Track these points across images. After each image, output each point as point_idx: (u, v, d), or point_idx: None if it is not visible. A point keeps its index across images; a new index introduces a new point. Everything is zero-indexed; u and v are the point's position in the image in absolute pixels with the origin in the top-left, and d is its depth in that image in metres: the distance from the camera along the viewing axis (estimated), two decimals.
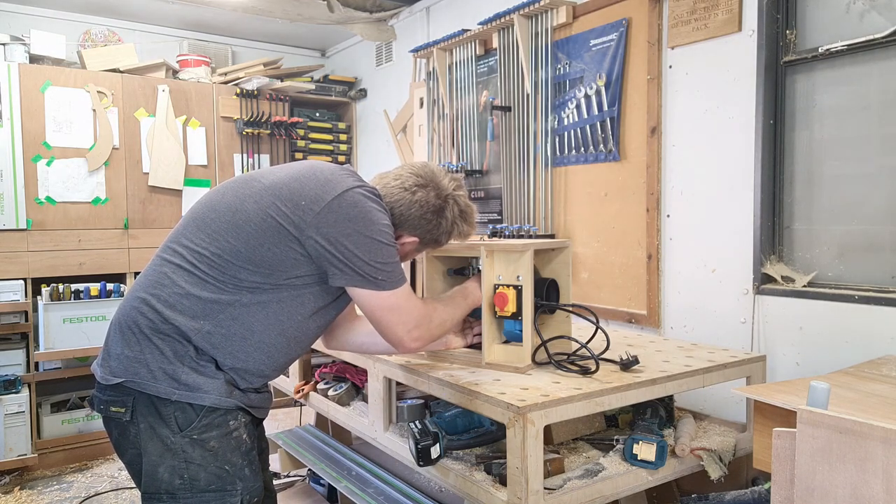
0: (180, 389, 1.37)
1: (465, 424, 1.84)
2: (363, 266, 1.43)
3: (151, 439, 1.38)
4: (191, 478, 1.37)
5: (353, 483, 2.28)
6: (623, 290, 2.75)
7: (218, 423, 1.40)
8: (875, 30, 2.00)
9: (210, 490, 1.38)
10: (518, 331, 1.77)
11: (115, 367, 1.41)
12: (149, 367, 1.38)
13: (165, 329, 1.40)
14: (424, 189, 1.59)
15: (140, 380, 1.38)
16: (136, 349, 1.40)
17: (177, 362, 1.39)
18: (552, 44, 2.99)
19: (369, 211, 1.46)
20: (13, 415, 3.48)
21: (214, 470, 1.39)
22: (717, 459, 1.76)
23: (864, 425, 1.06)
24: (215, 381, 1.41)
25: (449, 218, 1.62)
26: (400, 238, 1.60)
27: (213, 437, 1.40)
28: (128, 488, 3.45)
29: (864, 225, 2.07)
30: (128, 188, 3.94)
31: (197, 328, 1.41)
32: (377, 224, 1.46)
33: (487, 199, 3.49)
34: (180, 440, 1.37)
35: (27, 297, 3.58)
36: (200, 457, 1.38)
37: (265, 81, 4.30)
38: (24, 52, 3.73)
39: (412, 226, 1.60)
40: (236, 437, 1.44)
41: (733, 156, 2.34)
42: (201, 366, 1.41)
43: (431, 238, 1.64)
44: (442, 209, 1.61)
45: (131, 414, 1.39)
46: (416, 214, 1.59)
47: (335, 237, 1.42)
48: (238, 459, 1.43)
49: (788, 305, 2.19)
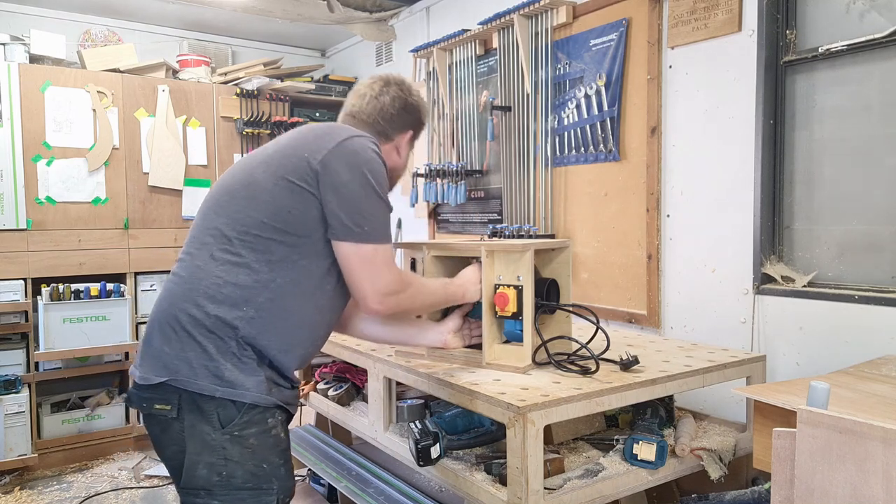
0: (223, 386, 1.37)
1: (465, 424, 1.84)
2: (353, 214, 1.43)
3: (192, 436, 1.38)
4: (228, 475, 1.37)
5: (353, 483, 2.28)
6: (623, 290, 2.75)
7: (257, 421, 1.40)
8: (875, 30, 2.00)
9: (246, 488, 1.39)
10: (518, 331, 1.77)
11: (156, 367, 1.40)
12: (191, 365, 1.38)
13: (209, 323, 1.40)
14: (387, 86, 1.66)
15: (182, 377, 1.38)
16: (176, 347, 1.40)
17: (219, 358, 1.38)
18: (552, 44, 2.99)
19: (369, 160, 1.47)
20: (13, 415, 3.48)
21: (251, 468, 1.39)
22: (717, 459, 1.76)
23: (863, 425, 1.06)
24: (256, 379, 1.40)
25: (417, 94, 1.71)
26: (395, 141, 1.68)
27: (252, 435, 1.39)
28: (128, 488, 3.45)
29: (864, 225, 2.07)
30: (128, 188, 3.94)
31: (241, 316, 1.40)
32: (375, 174, 1.47)
33: (487, 199, 3.49)
34: (220, 437, 1.37)
35: (27, 297, 3.58)
36: (239, 454, 1.38)
37: (265, 81, 4.30)
38: (24, 52, 3.73)
39: (402, 122, 1.67)
40: (274, 434, 1.44)
41: (733, 156, 2.34)
42: (243, 362, 1.40)
43: (418, 121, 1.72)
44: (410, 92, 1.69)
45: (177, 411, 1.38)
46: (399, 109, 1.66)
47: (336, 185, 1.43)
48: (275, 458, 1.43)
49: (788, 305, 2.19)
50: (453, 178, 3.53)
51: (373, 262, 1.44)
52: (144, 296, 4.00)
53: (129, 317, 3.83)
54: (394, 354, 1.96)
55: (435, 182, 3.63)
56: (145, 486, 3.50)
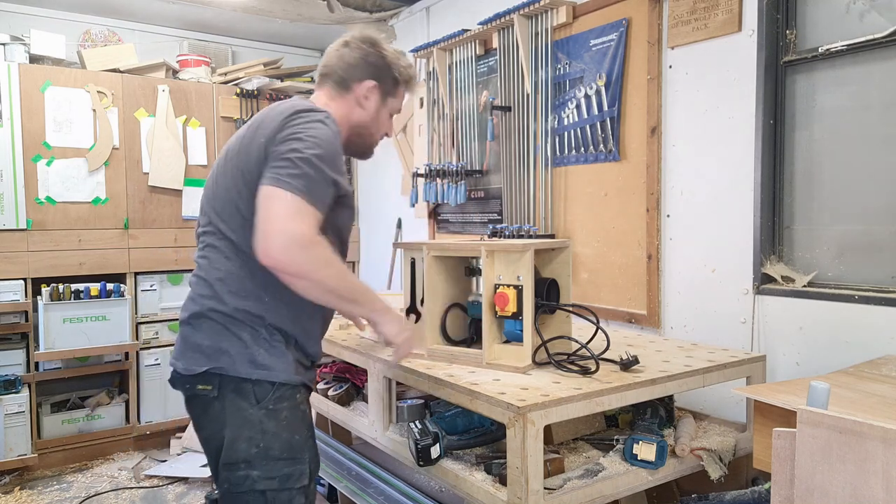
0: (258, 370, 1.49)
1: (465, 424, 1.84)
2: (283, 166, 1.39)
3: (232, 413, 1.48)
4: (266, 447, 1.47)
5: (353, 483, 2.28)
6: (623, 290, 2.75)
7: (288, 396, 1.52)
8: (875, 30, 2.00)
9: (283, 458, 1.48)
10: (518, 331, 1.77)
11: (198, 358, 1.51)
12: (229, 354, 1.49)
13: (239, 316, 1.50)
14: (353, 40, 1.68)
15: (223, 365, 1.49)
16: (215, 339, 1.51)
17: (253, 346, 1.50)
18: (552, 44, 2.99)
19: (312, 123, 1.47)
20: (13, 415, 3.48)
21: (286, 439, 1.49)
22: (717, 459, 1.76)
23: (863, 425, 1.06)
24: (284, 361, 1.52)
25: (388, 49, 1.68)
26: (355, 91, 1.65)
27: (284, 409, 1.50)
28: (128, 488, 3.46)
29: (864, 225, 2.07)
30: (128, 188, 3.94)
31: (265, 307, 1.51)
32: (316, 130, 1.45)
33: (487, 199, 3.50)
34: (257, 412, 1.48)
35: (27, 297, 3.58)
36: (274, 427, 1.48)
37: (265, 81, 4.30)
38: (24, 52, 3.73)
39: (362, 71, 1.65)
40: (302, 409, 1.56)
41: (733, 156, 2.34)
42: (273, 346, 1.51)
43: (385, 74, 1.67)
44: (375, 42, 1.67)
45: (218, 390, 1.49)
46: (358, 57, 1.65)
47: (276, 151, 1.43)
48: (305, 431, 1.54)
49: (788, 305, 2.19)
50: (453, 178, 3.53)
51: (284, 208, 1.35)
52: (144, 296, 4.00)
53: (129, 317, 3.83)
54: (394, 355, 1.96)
55: (435, 182, 3.63)
56: (145, 486, 3.50)
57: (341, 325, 2.50)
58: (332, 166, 1.45)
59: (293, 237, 1.34)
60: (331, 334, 2.37)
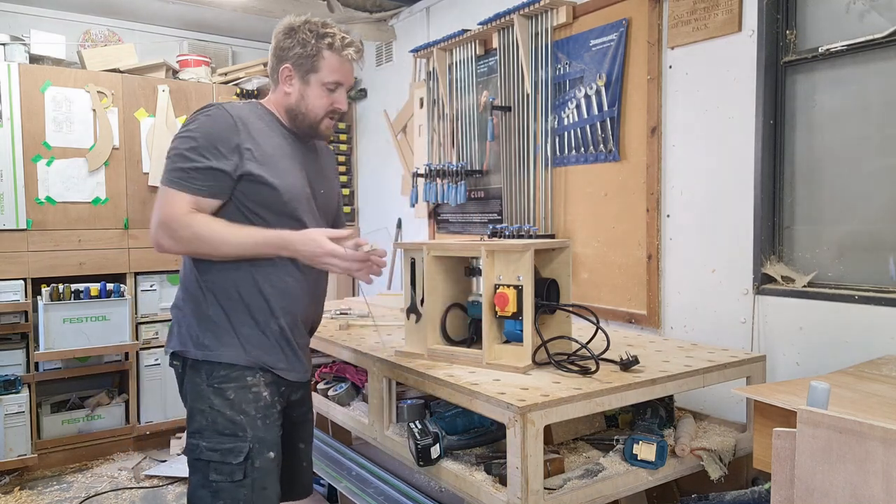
0: (203, 350, 1.65)
1: (465, 424, 1.84)
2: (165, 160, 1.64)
3: (190, 388, 1.67)
4: (212, 420, 1.62)
5: (353, 483, 2.28)
6: (623, 290, 2.75)
7: (235, 378, 1.64)
8: (875, 30, 2.00)
9: (225, 434, 1.61)
10: (518, 331, 1.77)
11: (171, 341, 1.72)
12: (184, 336, 1.68)
13: (190, 303, 1.69)
14: (275, 32, 1.77)
15: (181, 348, 1.68)
16: (177, 325, 1.72)
17: (199, 329, 1.66)
18: (552, 44, 2.99)
19: (193, 119, 1.63)
20: (13, 415, 3.48)
21: (230, 416, 1.61)
22: (717, 459, 1.76)
23: (863, 425, 1.06)
24: (231, 344, 1.65)
25: (298, 25, 1.72)
26: (281, 81, 1.73)
27: (231, 388, 1.63)
28: (128, 488, 3.46)
29: (865, 225, 2.07)
30: (128, 188, 3.94)
31: (204, 292, 1.67)
32: (194, 124, 1.62)
33: (487, 199, 3.50)
34: (206, 389, 1.63)
35: (27, 297, 3.58)
36: (220, 404, 1.62)
37: (265, 81, 4.29)
38: (24, 52, 3.73)
39: (276, 59, 1.74)
40: (255, 391, 1.65)
41: (733, 156, 2.34)
42: (220, 328, 1.65)
43: (295, 53, 1.70)
44: (287, 27, 1.74)
45: (182, 367, 1.70)
46: (272, 47, 1.75)
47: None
48: (252, 412, 1.63)
49: (788, 305, 2.19)
50: (453, 178, 3.53)
51: (158, 200, 1.63)
52: (144, 296, 4.00)
53: (129, 317, 3.83)
54: (394, 354, 1.96)
55: (435, 182, 3.63)
56: (145, 486, 3.50)
57: (341, 325, 2.50)
58: (207, 153, 1.59)
59: (164, 225, 1.59)
60: (331, 334, 2.37)
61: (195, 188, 1.58)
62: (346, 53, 1.73)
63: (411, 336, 1.95)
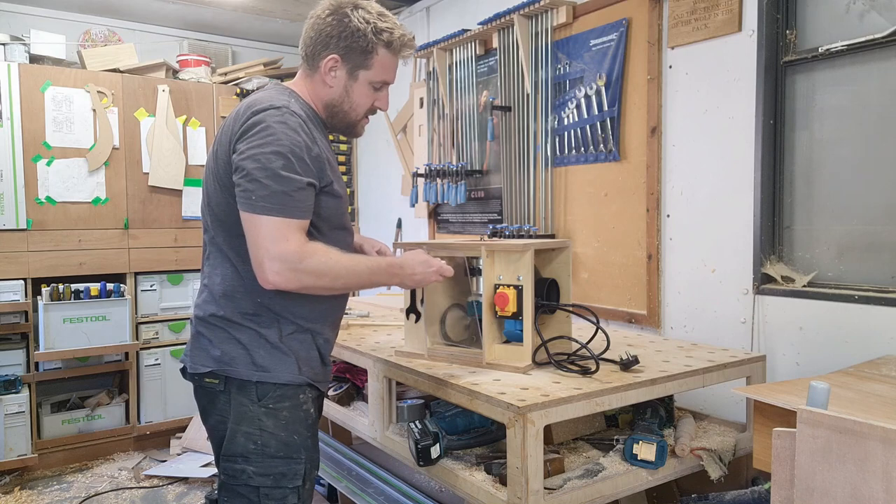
0: (259, 371, 1.49)
1: (465, 424, 1.84)
2: (246, 183, 1.38)
3: (235, 408, 1.51)
4: (263, 444, 1.48)
5: (353, 483, 2.28)
6: (623, 290, 2.75)
7: (289, 396, 1.52)
8: (875, 30, 2.00)
9: (279, 457, 1.49)
10: (518, 331, 1.77)
11: (204, 359, 1.53)
12: (231, 357, 1.51)
13: (237, 319, 1.51)
14: (320, 10, 1.55)
15: (226, 368, 1.51)
16: (217, 343, 1.52)
17: (253, 348, 1.50)
18: (552, 44, 2.99)
19: (268, 127, 1.40)
20: (13, 415, 3.48)
21: (284, 438, 1.50)
22: (717, 459, 1.76)
23: (863, 425, 1.06)
24: (285, 361, 1.51)
25: (356, 16, 1.51)
26: (321, 69, 1.54)
27: (285, 408, 1.51)
28: (128, 488, 3.46)
29: (864, 225, 2.07)
30: (128, 188, 3.94)
31: (259, 308, 1.50)
32: (273, 136, 1.39)
33: (487, 199, 3.50)
34: (257, 409, 1.49)
35: (27, 297, 3.58)
36: (273, 425, 1.49)
37: (265, 81, 4.29)
38: (24, 52, 3.73)
39: (322, 45, 1.52)
40: (305, 409, 1.55)
41: (733, 156, 2.34)
42: (274, 347, 1.51)
43: (350, 45, 1.51)
44: (338, 9, 1.52)
45: (224, 385, 1.52)
46: (319, 29, 1.52)
47: (238, 161, 1.41)
48: (304, 431, 1.54)
49: (788, 305, 2.19)
50: (453, 178, 3.53)
51: (265, 232, 1.37)
52: (144, 296, 4.00)
53: (129, 317, 3.83)
54: (394, 354, 1.96)
55: (435, 182, 3.63)
56: (145, 486, 3.50)
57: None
58: (300, 168, 1.40)
59: (282, 260, 1.36)
60: None
61: (301, 212, 1.40)
62: (404, 54, 1.61)
63: (411, 336, 1.95)
